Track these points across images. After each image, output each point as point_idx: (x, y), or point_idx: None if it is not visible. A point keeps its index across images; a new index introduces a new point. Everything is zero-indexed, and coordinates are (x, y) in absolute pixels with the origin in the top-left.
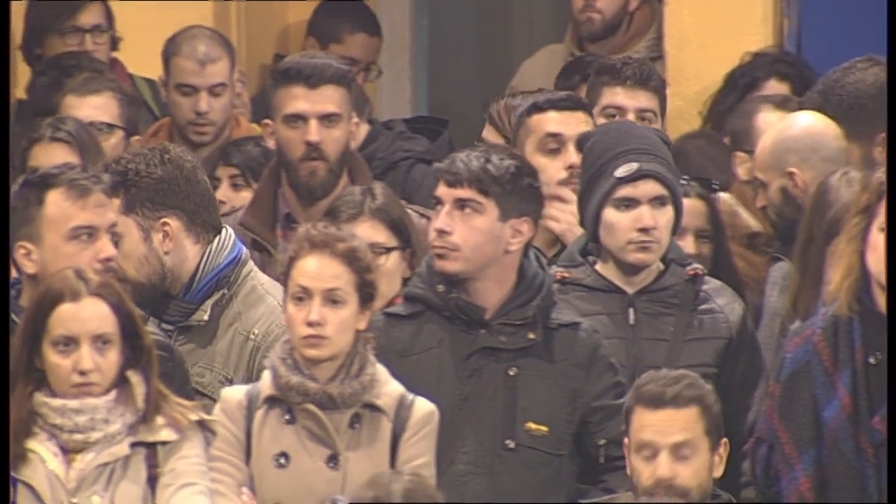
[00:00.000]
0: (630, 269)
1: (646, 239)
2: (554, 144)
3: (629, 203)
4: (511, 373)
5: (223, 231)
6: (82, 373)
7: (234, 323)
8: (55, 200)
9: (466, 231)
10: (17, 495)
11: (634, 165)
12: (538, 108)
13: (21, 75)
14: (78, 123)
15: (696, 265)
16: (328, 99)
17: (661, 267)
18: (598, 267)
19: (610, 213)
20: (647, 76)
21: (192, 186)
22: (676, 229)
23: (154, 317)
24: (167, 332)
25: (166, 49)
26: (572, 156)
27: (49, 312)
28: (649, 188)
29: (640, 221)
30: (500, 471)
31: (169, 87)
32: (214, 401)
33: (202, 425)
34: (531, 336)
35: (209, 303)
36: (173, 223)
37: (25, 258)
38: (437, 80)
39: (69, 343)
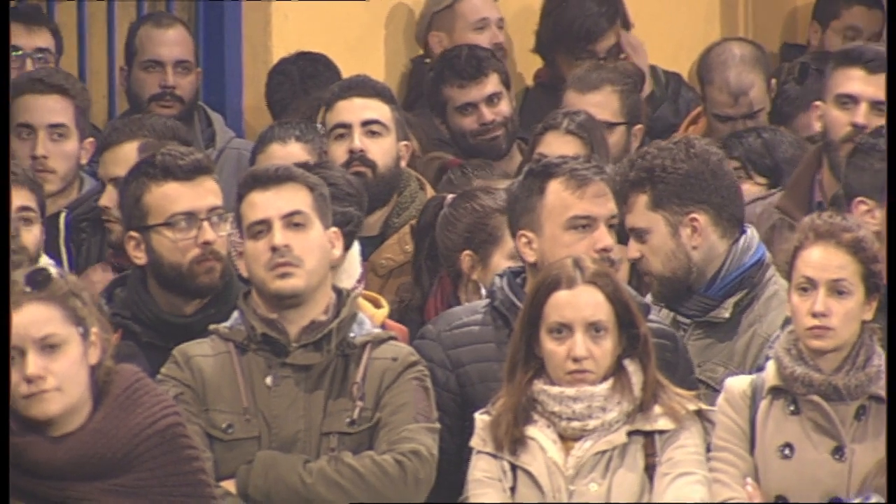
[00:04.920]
0: None
1: None
2: None
3: None
4: None
5: (748, 230)
6: (576, 360)
7: (754, 324)
8: (555, 190)
9: None
10: (516, 482)
11: None
12: None
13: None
14: (588, 117)
15: None
16: (883, 86)
17: None
18: None
19: None
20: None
21: (718, 180)
22: None
23: (671, 309)
24: (682, 325)
25: (700, 70)
26: None
27: (545, 299)
28: None
29: None
30: None
31: (707, 111)
32: (718, 391)
33: (700, 415)
34: None
35: (731, 301)
36: (701, 218)
37: (526, 247)
38: None
39: (563, 330)
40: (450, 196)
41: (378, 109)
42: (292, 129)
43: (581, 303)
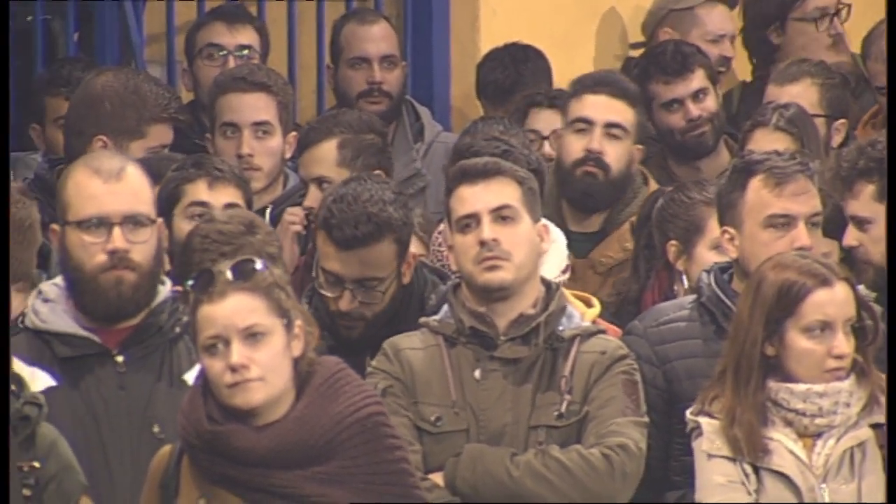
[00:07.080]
0: None
1: None
2: None
3: None
4: None
5: None
6: (840, 357)
7: None
8: (755, 187)
9: None
10: (760, 484)
11: None
12: None
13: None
14: (799, 111)
15: None
16: None
17: None
18: None
19: None
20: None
21: None
22: None
23: (879, 303)
24: None
25: (863, 50)
26: None
27: (803, 298)
28: None
29: None
30: None
31: (871, 92)
32: None
33: None
34: None
35: None
36: None
37: (729, 243)
38: None
39: (825, 328)
40: (668, 189)
41: (623, 112)
42: (496, 124)
43: (841, 300)
